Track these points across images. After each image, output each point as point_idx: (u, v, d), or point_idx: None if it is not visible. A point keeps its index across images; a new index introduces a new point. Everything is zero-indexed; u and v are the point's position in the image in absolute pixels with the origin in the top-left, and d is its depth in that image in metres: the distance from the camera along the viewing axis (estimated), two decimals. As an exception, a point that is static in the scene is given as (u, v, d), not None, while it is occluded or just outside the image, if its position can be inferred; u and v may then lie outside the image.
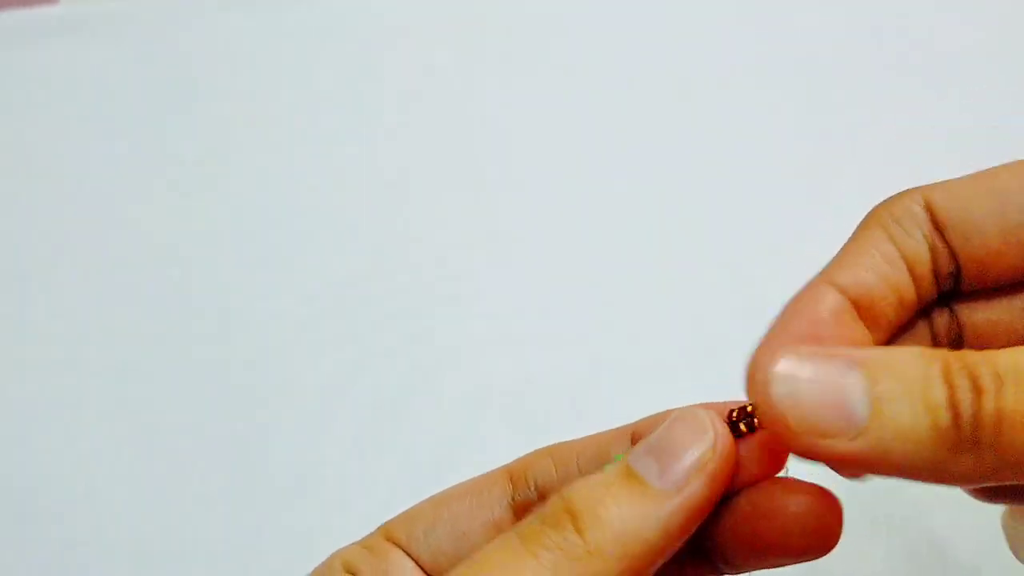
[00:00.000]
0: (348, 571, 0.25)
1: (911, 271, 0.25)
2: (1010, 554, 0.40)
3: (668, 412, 0.25)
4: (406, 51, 0.61)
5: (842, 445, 0.21)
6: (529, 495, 0.26)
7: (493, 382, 0.46)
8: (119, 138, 0.57)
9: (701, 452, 0.22)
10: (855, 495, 0.42)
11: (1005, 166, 0.25)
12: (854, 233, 0.26)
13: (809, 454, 0.21)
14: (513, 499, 0.26)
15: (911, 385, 0.20)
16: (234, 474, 0.44)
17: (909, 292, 0.25)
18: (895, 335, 0.26)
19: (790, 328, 0.25)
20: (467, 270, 0.51)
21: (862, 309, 0.25)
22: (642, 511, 0.21)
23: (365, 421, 0.45)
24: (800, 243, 0.51)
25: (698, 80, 0.59)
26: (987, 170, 0.25)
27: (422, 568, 0.26)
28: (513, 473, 0.27)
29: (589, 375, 0.46)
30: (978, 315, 0.26)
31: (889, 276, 0.25)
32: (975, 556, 0.40)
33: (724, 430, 0.23)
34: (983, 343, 0.26)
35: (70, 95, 0.59)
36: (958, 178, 0.25)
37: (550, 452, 0.27)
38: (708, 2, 0.63)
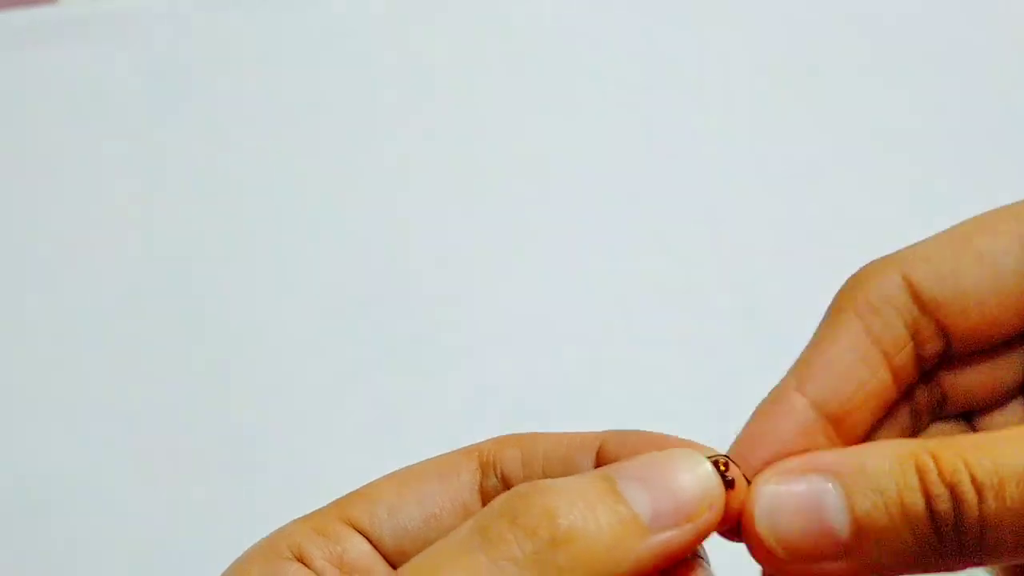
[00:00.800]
0: (297, 556, 0.23)
1: (892, 364, 0.24)
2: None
3: (639, 432, 0.24)
4: (406, 51, 0.61)
5: (833, 567, 0.20)
6: (496, 485, 0.25)
7: (493, 382, 0.46)
8: (119, 138, 0.57)
9: (698, 504, 0.21)
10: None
11: (979, 223, 0.24)
12: (826, 320, 0.24)
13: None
14: (482, 485, 0.25)
15: (888, 498, 0.20)
16: (235, 475, 0.44)
17: (889, 392, 0.24)
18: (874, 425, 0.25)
19: (761, 443, 0.23)
20: (468, 271, 0.51)
21: (835, 420, 0.23)
22: (623, 540, 0.20)
23: (366, 422, 0.45)
24: (799, 245, 0.51)
25: (697, 82, 0.59)
26: (960, 230, 0.24)
27: (382, 553, 0.24)
28: (482, 458, 0.25)
29: (589, 375, 0.46)
30: (962, 378, 0.25)
31: (867, 383, 0.23)
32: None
33: (722, 489, 0.21)
34: (968, 400, 0.25)
35: (70, 95, 0.59)
36: (930, 242, 0.24)
37: (519, 443, 0.25)
38: (706, 4, 0.63)
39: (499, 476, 0.25)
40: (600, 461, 0.24)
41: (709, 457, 0.22)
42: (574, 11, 0.63)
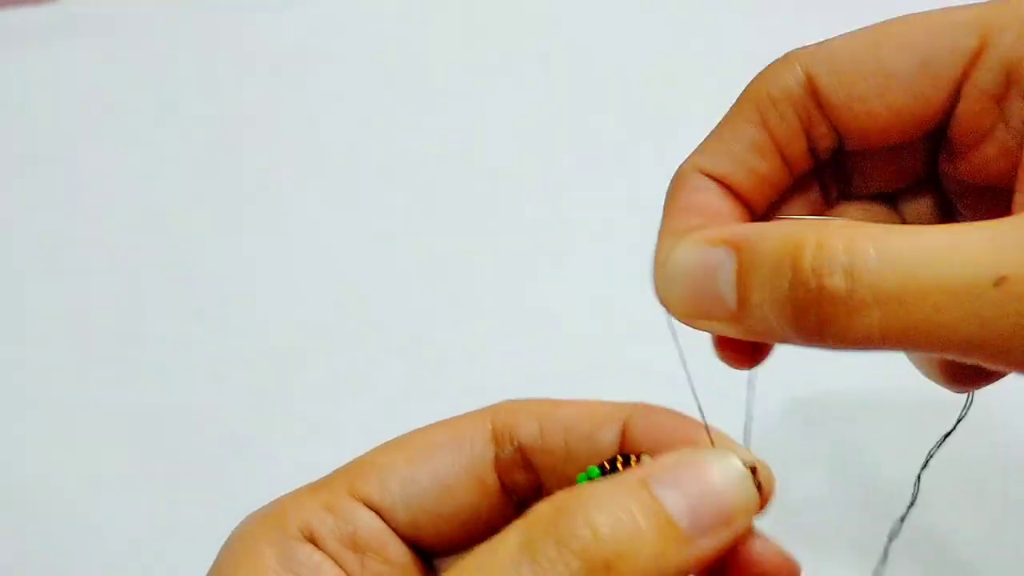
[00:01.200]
0: (307, 536, 0.23)
1: (784, 153, 0.25)
2: (1010, 553, 0.40)
3: (666, 413, 0.25)
4: (407, 51, 0.61)
5: (721, 328, 0.22)
6: (512, 455, 0.25)
7: (493, 382, 0.46)
8: (118, 137, 0.57)
9: (735, 511, 0.21)
10: (855, 495, 0.42)
11: (889, 30, 0.25)
12: (731, 109, 0.26)
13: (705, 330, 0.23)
14: (497, 457, 0.25)
15: (764, 278, 0.21)
16: (235, 474, 0.44)
17: (782, 178, 0.25)
18: (783, 197, 0.26)
19: (684, 218, 0.25)
20: (468, 271, 0.51)
21: (735, 193, 0.25)
22: (667, 554, 0.20)
23: (366, 421, 0.45)
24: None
25: (698, 78, 0.59)
26: (870, 35, 0.25)
27: (393, 527, 0.24)
28: (496, 426, 0.25)
29: (589, 375, 0.46)
30: (863, 166, 0.27)
31: (756, 167, 0.25)
32: (975, 555, 0.40)
33: (757, 493, 0.21)
34: (871, 185, 0.27)
35: (70, 94, 0.59)
36: (841, 41, 0.25)
37: (537, 414, 0.25)
38: (707, 3, 0.63)
39: (515, 446, 0.25)
40: (626, 439, 0.25)
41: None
42: (576, 9, 0.63)
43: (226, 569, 0.23)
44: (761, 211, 0.26)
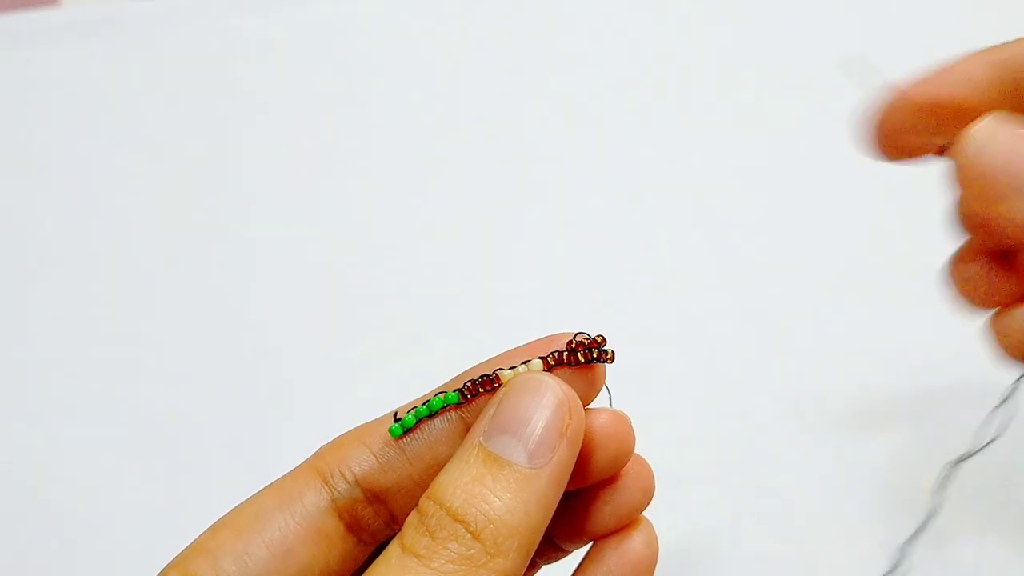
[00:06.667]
0: None
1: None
2: (1010, 554, 0.40)
3: (475, 368, 0.25)
4: (408, 50, 0.61)
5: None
6: (350, 491, 0.24)
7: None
8: (120, 139, 0.57)
9: (559, 420, 0.22)
10: (854, 496, 0.42)
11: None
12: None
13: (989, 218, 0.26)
14: (333, 500, 0.24)
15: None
16: (235, 475, 0.44)
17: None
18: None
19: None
20: (468, 271, 0.51)
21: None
22: (523, 496, 0.21)
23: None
24: (800, 244, 0.51)
25: (703, 79, 0.59)
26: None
27: None
28: (322, 471, 0.25)
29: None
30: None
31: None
32: (975, 556, 0.40)
33: (570, 390, 0.23)
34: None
35: (72, 97, 0.59)
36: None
37: (360, 439, 0.25)
38: (707, 3, 0.63)
39: (351, 481, 0.25)
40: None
41: (569, 343, 0.24)
42: (574, 10, 0.63)
43: None
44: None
